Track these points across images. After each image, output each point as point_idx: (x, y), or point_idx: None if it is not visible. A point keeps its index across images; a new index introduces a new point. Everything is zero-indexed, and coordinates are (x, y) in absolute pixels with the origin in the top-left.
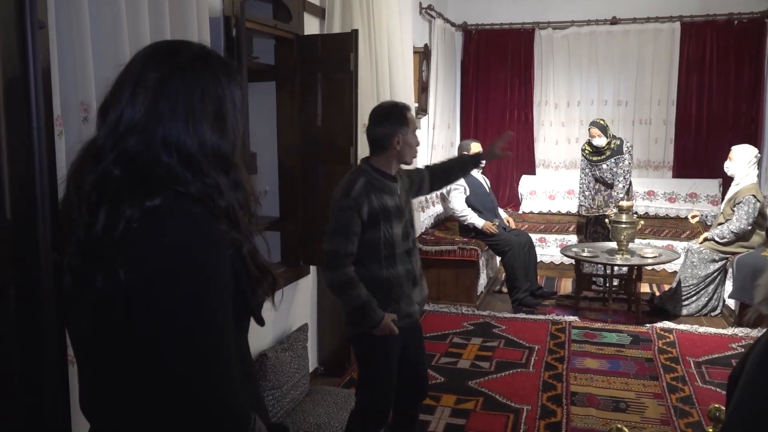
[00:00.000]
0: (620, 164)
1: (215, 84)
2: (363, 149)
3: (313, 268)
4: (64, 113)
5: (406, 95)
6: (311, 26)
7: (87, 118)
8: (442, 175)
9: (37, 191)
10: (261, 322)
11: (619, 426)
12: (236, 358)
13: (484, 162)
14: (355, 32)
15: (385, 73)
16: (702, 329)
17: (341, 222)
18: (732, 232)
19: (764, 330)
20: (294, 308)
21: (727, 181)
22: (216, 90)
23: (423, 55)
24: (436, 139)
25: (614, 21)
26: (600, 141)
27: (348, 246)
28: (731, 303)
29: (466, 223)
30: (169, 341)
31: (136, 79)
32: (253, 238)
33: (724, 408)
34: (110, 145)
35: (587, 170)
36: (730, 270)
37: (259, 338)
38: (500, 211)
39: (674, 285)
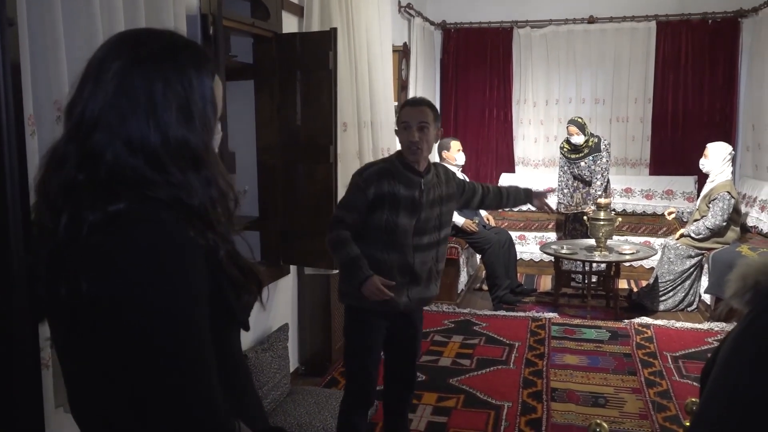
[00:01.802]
0: (598, 162)
1: (180, 76)
2: (343, 147)
3: (293, 268)
4: (36, 112)
5: (386, 94)
6: (290, 24)
7: (60, 117)
8: (495, 198)
9: (8, 192)
10: (246, 327)
11: (598, 421)
12: (214, 366)
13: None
14: (334, 30)
15: (365, 72)
16: (679, 324)
17: (348, 195)
18: (707, 228)
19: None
20: (274, 308)
21: (702, 178)
22: (182, 83)
23: (402, 53)
24: None
25: (591, 20)
26: (578, 139)
27: (347, 215)
28: (707, 298)
29: None
30: (139, 355)
31: (97, 72)
32: (232, 239)
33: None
34: (73, 147)
35: (566, 168)
36: (706, 266)
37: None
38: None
39: (651, 281)
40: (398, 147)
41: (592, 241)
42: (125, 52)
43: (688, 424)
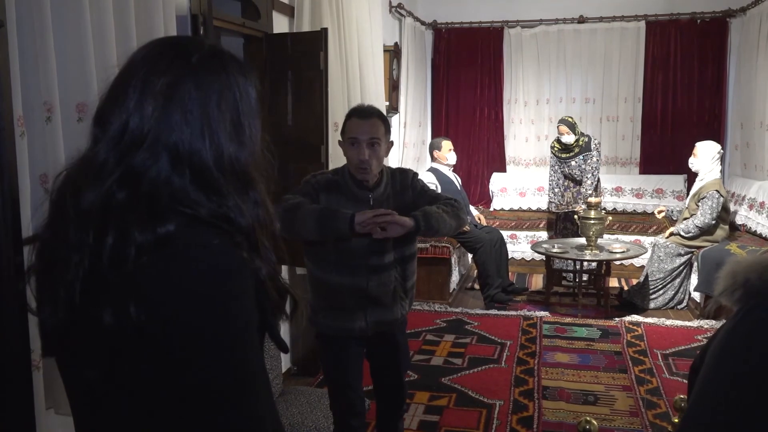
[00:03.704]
0: (588, 161)
1: (231, 86)
2: (334, 148)
3: (284, 268)
4: (26, 113)
5: (377, 94)
6: (280, 25)
7: (50, 118)
8: None
9: None
10: (285, 349)
11: (588, 418)
12: (267, 394)
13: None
14: (325, 30)
15: (356, 72)
16: (669, 322)
17: (299, 191)
18: (697, 226)
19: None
20: None
21: (692, 176)
22: (233, 93)
23: (393, 53)
24: (407, 137)
25: (581, 20)
26: (568, 138)
27: (303, 199)
28: (696, 296)
29: None
30: (191, 385)
31: (143, 83)
32: (274, 259)
33: (687, 398)
34: (114, 161)
35: (556, 167)
36: (695, 264)
37: None
38: (471, 208)
39: (642, 279)
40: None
41: (582, 240)
42: (174, 60)
43: (676, 420)
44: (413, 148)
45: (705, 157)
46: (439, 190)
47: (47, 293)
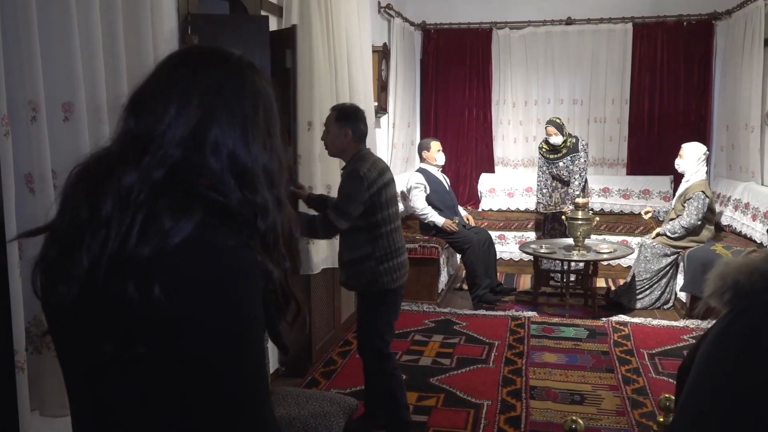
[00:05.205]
0: (576, 162)
1: (262, 92)
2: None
3: None
4: (10, 112)
5: (366, 94)
6: (269, 24)
7: (35, 117)
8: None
9: None
10: (285, 349)
11: (574, 418)
12: (269, 395)
13: None
14: (294, 27)
15: (344, 72)
16: (655, 322)
17: None
18: (683, 227)
19: (713, 322)
20: None
21: (678, 177)
22: (263, 99)
23: (382, 54)
24: (396, 137)
25: (569, 21)
26: (556, 139)
27: None
28: (683, 296)
29: (426, 221)
30: (197, 382)
31: (187, 83)
32: (287, 264)
33: (674, 398)
34: (155, 147)
35: (544, 168)
36: (681, 264)
37: None
38: (460, 208)
39: (628, 279)
40: (377, 150)
41: (570, 241)
42: (217, 66)
43: (661, 419)
44: (402, 148)
45: (691, 158)
46: (428, 191)
47: (64, 272)
